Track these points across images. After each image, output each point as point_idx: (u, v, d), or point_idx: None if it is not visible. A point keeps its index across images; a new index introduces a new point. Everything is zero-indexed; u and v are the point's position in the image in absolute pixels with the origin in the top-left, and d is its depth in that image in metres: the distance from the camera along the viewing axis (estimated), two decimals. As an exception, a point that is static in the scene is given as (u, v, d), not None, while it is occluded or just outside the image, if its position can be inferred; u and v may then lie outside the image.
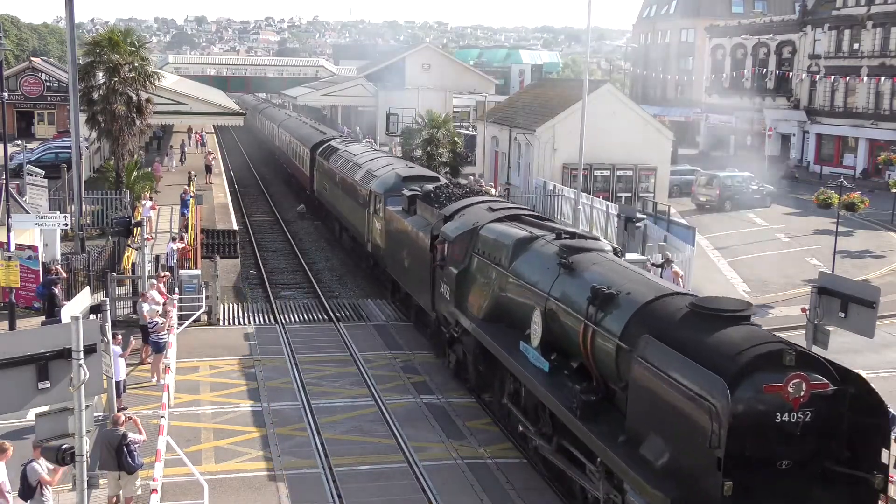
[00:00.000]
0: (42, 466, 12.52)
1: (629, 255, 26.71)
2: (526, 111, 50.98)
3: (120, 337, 18.31)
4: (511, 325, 17.36)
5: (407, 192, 25.56)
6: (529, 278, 16.63)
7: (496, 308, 18.01)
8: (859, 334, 16.09)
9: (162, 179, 45.89)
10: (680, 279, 25.09)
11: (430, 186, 25.31)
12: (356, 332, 25.01)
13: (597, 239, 18.33)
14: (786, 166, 61.28)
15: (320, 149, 42.11)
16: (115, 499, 14.27)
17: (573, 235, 17.58)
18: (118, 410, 15.88)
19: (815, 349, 15.05)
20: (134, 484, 14.18)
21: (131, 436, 14.10)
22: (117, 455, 13.81)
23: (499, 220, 19.62)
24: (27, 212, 28.10)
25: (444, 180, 28.10)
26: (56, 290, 23.50)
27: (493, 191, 43.56)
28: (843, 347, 19.68)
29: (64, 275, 24.93)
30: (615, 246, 19.47)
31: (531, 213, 21.95)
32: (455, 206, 21.92)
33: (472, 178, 47.43)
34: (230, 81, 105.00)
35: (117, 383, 17.66)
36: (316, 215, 45.26)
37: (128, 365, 21.56)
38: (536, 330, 15.96)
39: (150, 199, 33.13)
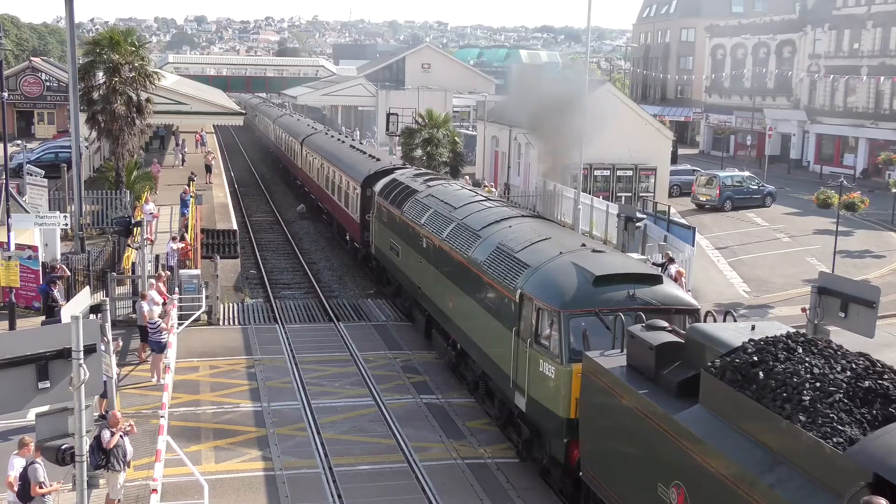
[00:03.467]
0: (43, 469, 12.51)
1: (629, 255, 26.74)
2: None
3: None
4: None
5: (641, 334, 12.17)
6: None
7: None
8: (859, 334, 16.08)
9: (162, 179, 45.88)
10: (682, 279, 25.17)
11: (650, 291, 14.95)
12: (356, 332, 25.01)
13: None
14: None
15: (380, 185, 28.84)
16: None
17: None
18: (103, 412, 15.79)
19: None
20: (117, 484, 14.06)
21: (108, 432, 13.81)
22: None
23: None
24: (27, 212, 28.09)
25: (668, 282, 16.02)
26: (52, 290, 23.44)
27: (494, 191, 43.58)
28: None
29: (67, 273, 24.88)
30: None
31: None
32: None
33: (466, 177, 47.46)
34: (230, 81, 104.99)
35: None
36: (372, 278, 32.05)
37: (127, 365, 21.63)
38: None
39: (151, 202, 32.83)
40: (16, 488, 12.60)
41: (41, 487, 12.51)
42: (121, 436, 13.92)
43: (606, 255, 16.68)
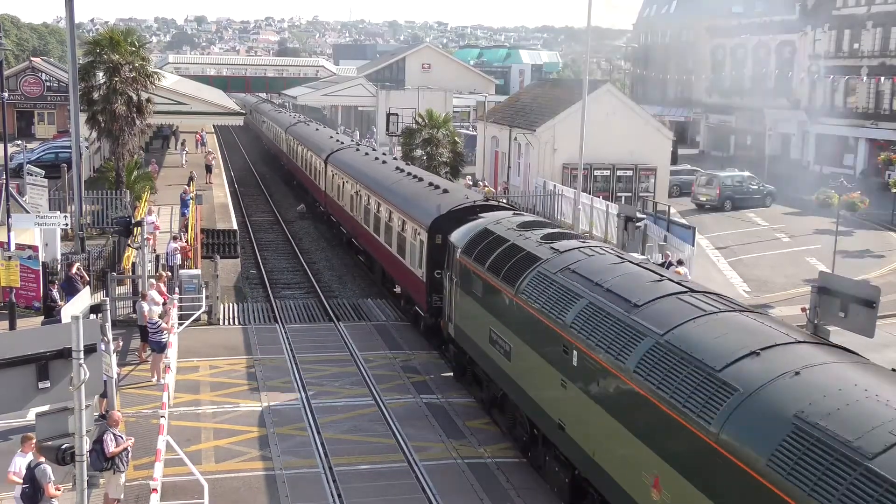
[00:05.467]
0: (49, 470, 12.49)
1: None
2: (526, 111, 51.01)
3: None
4: None
5: None
6: None
7: None
8: (859, 334, 16.11)
9: (162, 179, 45.89)
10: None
11: None
12: (356, 332, 25.01)
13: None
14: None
15: (464, 237, 20.08)
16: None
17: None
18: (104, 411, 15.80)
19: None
20: (118, 484, 14.08)
21: (110, 436, 13.84)
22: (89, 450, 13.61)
23: None
24: (27, 212, 28.12)
25: None
26: (52, 290, 23.59)
27: (493, 192, 43.58)
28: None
29: (86, 279, 24.74)
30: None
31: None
32: None
33: (467, 178, 47.47)
34: (230, 81, 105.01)
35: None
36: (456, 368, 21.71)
37: (127, 365, 21.63)
38: None
39: (154, 213, 32.46)
40: (20, 481, 12.57)
41: (54, 487, 12.49)
42: (119, 436, 13.94)
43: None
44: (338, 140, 45.15)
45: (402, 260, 26.07)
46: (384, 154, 40.41)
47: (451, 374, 21.33)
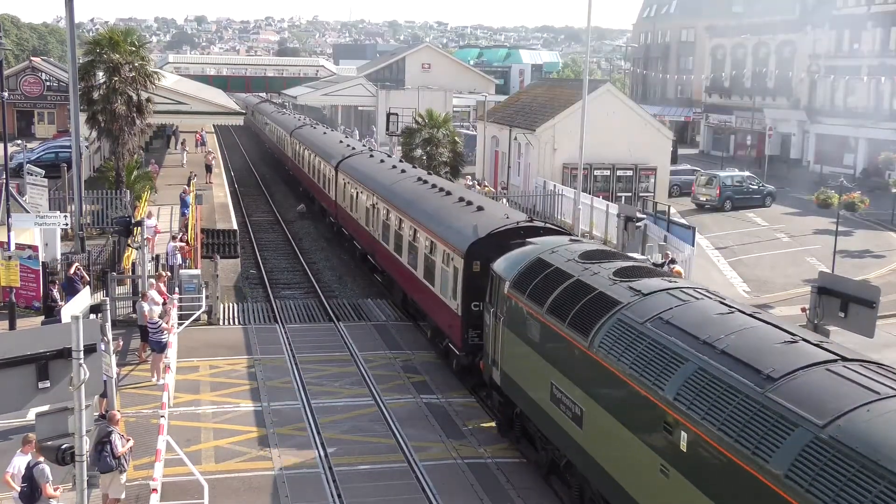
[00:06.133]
0: (48, 470, 12.49)
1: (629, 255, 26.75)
2: (526, 111, 51.01)
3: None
4: None
5: None
6: None
7: None
8: (859, 334, 16.11)
9: (162, 179, 45.88)
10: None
11: None
12: (356, 332, 25.00)
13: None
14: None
15: (511, 267, 17.30)
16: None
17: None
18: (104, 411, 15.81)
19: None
20: (119, 484, 14.10)
21: (117, 435, 13.92)
22: (98, 450, 13.68)
23: None
24: (27, 211, 28.11)
25: None
26: (52, 290, 23.62)
27: (493, 192, 43.61)
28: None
29: (87, 279, 24.75)
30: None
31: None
32: None
33: (467, 178, 47.46)
34: (230, 81, 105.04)
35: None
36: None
37: (127, 365, 21.64)
38: None
39: (153, 216, 32.33)
40: (18, 488, 12.57)
41: (52, 487, 12.49)
42: (122, 436, 13.96)
43: None
44: (348, 145, 41.76)
45: (430, 287, 22.77)
46: (401, 161, 37.27)
47: (494, 425, 18.38)
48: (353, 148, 39.77)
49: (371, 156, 36.28)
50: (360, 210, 32.18)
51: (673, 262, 26.30)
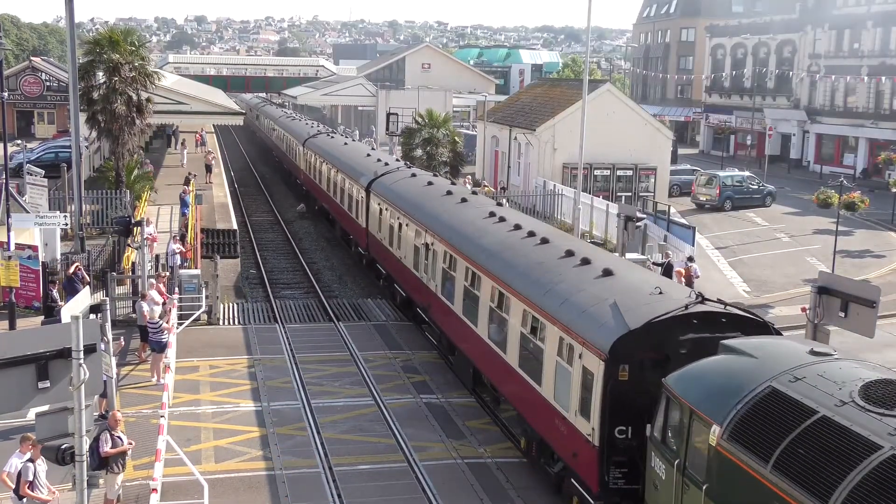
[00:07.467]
0: (35, 470, 12.48)
1: (629, 255, 26.83)
2: (526, 111, 51.01)
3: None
4: None
5: None
6: None
7: None
8: (859, 334, 16.09)
9: (162, 179, 45.86)
10: (682, 278, 25.34)
11: None
12: (356, 332, 24.99)
13: None
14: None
15: (741, 418, 10.36)
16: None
17: None
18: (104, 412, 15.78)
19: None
20: (115, 485, 14.07)
21: (106, 436, 13.75)
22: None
23: None
24: (27, 211, 28.09)
25: None
26: (52, 290, 23.62)
27: (493, 192, 43.61)
28: (844, 347, 19.58)
29: (87, 280, 24.74)
30: None
31: None
32: None
33: (466, 177, 47.46)
34: (230, 81, 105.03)
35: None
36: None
37: (127, 365, 21.63)
38: None
39: (152, 223, 32.04)
40: (12, 485, 12.59)
41: (30, 488, 12.46)
42: (118, 437, 13.92)
43: None
44: (379, 159, 34.29)
45: (533, 386, 15.75)
46: (453, 183, 30.33)
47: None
48: (387, 164, 32.33)
49: (413, 175, 29.23)
50: (404, 248, 25.37)
51: (691, 259, 26.54)
